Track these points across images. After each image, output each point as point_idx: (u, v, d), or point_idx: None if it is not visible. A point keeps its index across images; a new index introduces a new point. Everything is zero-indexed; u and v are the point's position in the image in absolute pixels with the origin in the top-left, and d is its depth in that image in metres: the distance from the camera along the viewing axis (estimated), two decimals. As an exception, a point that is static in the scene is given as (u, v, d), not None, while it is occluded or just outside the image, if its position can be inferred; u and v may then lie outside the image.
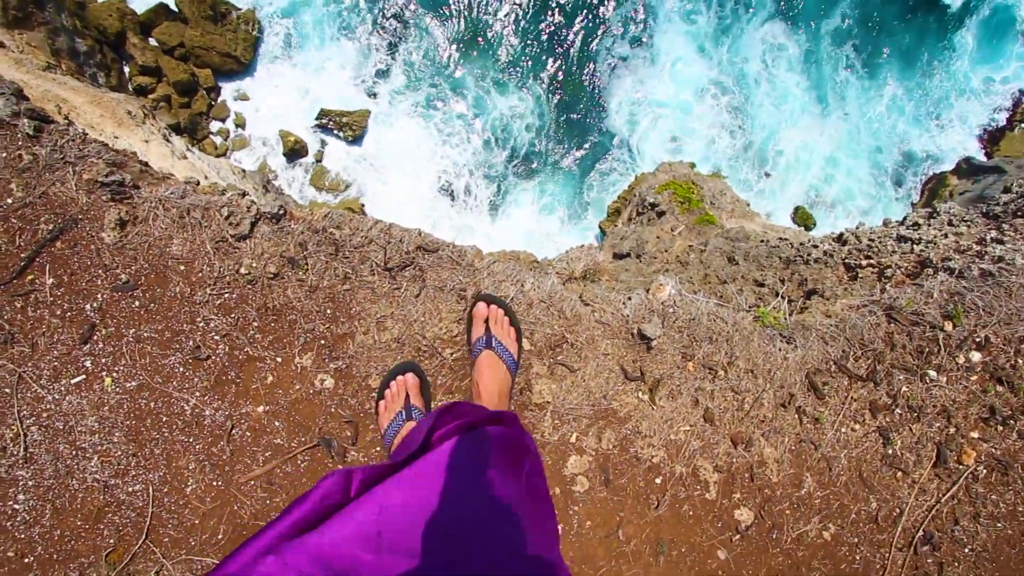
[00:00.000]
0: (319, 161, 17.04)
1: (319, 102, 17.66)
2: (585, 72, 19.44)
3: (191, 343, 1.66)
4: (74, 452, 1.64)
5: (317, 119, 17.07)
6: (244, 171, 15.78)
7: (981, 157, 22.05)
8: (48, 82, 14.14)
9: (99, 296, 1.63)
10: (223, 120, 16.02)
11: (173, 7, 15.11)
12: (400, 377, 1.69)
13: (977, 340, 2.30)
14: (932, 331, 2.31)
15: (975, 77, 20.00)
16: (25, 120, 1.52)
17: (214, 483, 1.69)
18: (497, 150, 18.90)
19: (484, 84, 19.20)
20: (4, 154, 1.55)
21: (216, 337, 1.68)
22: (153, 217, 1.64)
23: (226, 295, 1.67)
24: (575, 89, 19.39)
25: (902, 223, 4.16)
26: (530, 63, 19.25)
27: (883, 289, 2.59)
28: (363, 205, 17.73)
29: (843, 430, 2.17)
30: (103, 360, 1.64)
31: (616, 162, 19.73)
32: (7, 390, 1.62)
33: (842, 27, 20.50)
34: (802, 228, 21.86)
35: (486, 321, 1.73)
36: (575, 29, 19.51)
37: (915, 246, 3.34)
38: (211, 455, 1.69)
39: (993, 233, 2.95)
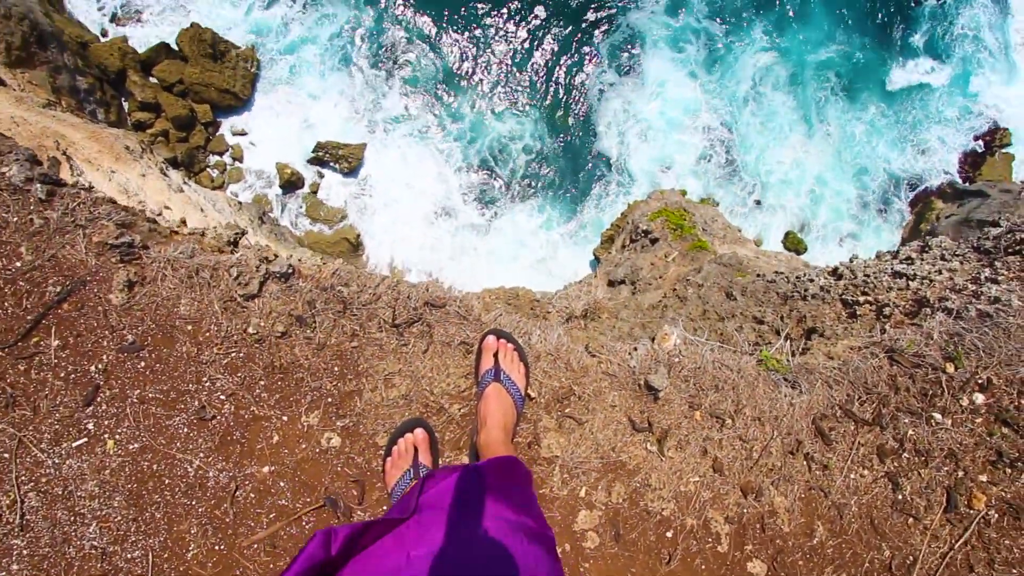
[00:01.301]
0: (315, 193, 17.18)
1: (316, 135, 17.93)
2: (577, 97, 19.94)
3: (196, 403, 1.64)
4: (72, 518, 1.60)
5: (314, 151, 17.29)
6: (240, 203, 15.88)
7: (960, 180, 22.68)
8: (47, 119, 14.30)
9: (104, 357, 1.62)
10: (221, 154, 16.19)
11: (174, 46, 15.44)
12: (408, 434, 1.67)
13: (979, 382, 2.32)
14: (934, 373, 2.32)
15: (950, 107, 20.73)
16: (38, 185, 1.53)
17: (216, 547, 1.64)
18: (495, 172, 19.19)
19: (480, 111, 19.61)
20: (16, 219, 1.56)
21: (222, 397, 1.66)
22: (162, 277, 1.64)
23: (233, 354, 1.66)
24: (568, 113, 19.84)
25: (895, 256, 4.23)
26: (525, 91, 19.73)
27: (883, 329, 2.61)
28: (359, 235, 17.83)
29: (852, 476, 2.15)
30: (106, 422, 1.62)
31: (610, 183, 20.09)
32: (6, 455, 1.58)
33: (825, 60, 21.23)
34: (793, 253, 22.14)
35: (495, 354, 1.73)
36: (567, 58, 20.09)
37: (910, 282, 3.39)
38: (214, 518, 1.65)
39: (987, 272, 3.00)
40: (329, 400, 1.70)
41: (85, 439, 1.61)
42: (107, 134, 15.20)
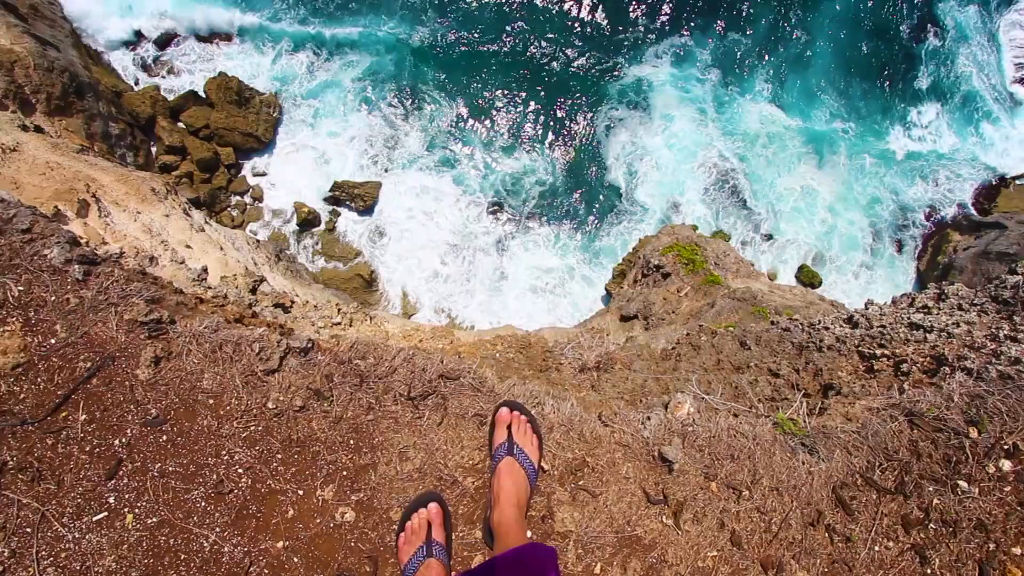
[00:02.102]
0: (331, 231, 17.57)
1: (333, 173, 18.49)
2: (586, 132, 20.42)
3: (215, 477, 1.67)
4: (90, 594, 1.61)
5: (330, 191, 17.77)
6: (258, 241, 16.28)
7: (975, 212, 22.55)
8: (80, 163, 14.97)
9: (128, 431, 1.66)
10: (241, 194, 16.73)
11: (201, 93, 16.21)
12: (422, 509, 1.67)
13: (1005, 448, 2.26)
14: (957, 438, 2.27)
15: (961, 148, 20.90)
16: (76, 266, 1.62)
17: (229, 625, 1.63)
18: (509, 205, 19.53)
19: (493, 148, 20.12)
20: (54, 298, 1.64)
21: (239, 470, 1.69)
22: (187, 352, 1.70)
23: (252, 428, 1.69)
24: (578, 148, 20.28)
25: (911, 304, 4.19)
26: (536, 129, 20.27)
27: (901, 389, 2.57)
28: (372, 271, 18.08)
29: (877, 548, 2.08)
30: (127, 496, 1.65)
31: (621, 212, 20.33)
32: (28, 529, 1.62)
33: (830, 100, 21.59)
34: (808, 288, 21.88)
35: (509, 427, 1.74)
36: (576, 98, 20.69)
37: (928, 334, 3.34)
38: (227, 594, 1.65)
39: (1006, 328, 2.96)
40: (344, 474, 1.71)
41: (105, 513, 1.64)
42: (135, 177, 15.86)
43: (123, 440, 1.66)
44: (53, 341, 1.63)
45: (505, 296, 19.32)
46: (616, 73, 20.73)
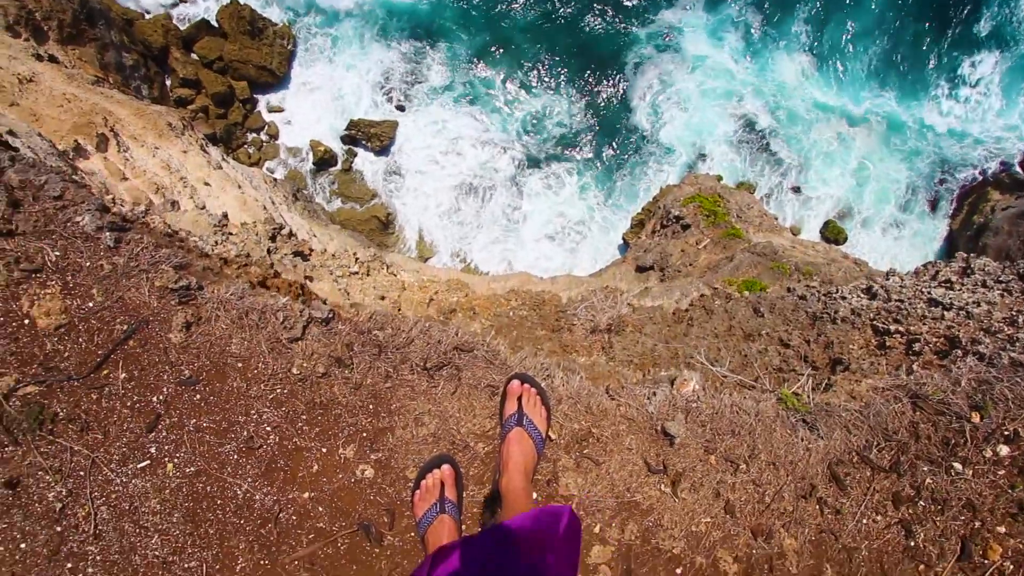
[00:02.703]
0: (347, 171, 17.42)
1: (350, 110, 18.09)
2: (612, 70, 19.49)
3: (245, 433, 1.80)
4: (138, 530, 1.80)
5: (347, 130, 17.45)
6: (276, 180, 16.25)
7: (1021, 170, 21.34)
8: (96, 95, 14.80)
9: (165, 390, 1.78)
10: (258, 131, 16.53)
11: (214, 23, 15.66)
12: (436, 470, 1.80)
13: (1006, 433, 2.30)
14: (959, 422, 2.31)
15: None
16: (107, 233, 1.68)
17: (262, 562, 1.82)
18: (529, 145, 19.09)
19: (515, 87, 19.38)
20: (88, 263, 1.71)
21: (268, 428, 1.81)
22: (215, 318, 1.79)
23: (278, 391, 1.80)
24: (604, 88, 19.45)
25: (934, 277, 4.11)
26: (561, 69, 19.37)
27: (910, 369, 2.58)
28: (389, 213, 18.04)
29: (865, 521, 2.19)
30: (166, 447, 1.80)
31: (645, 155, 19.78)
32: (81, 473, 1.78)
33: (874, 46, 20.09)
34: (832, 244, 21.36)
35: (519, 398, 1.83)
36: (603, 36, 19.56)
37: (946, 312, 3.31)
38: (259, 536, 1.82)
39: (1028, 308, 2.91)
40: (364, 435, 1.83)
41: (148, 462, 1.79)
42: (151, 111, 15.69)
43: (160, 397, 1.79)
44: (91, 304, 1.73)
45: (522, 239, 19.25)
46: (647, 16, 19.41)
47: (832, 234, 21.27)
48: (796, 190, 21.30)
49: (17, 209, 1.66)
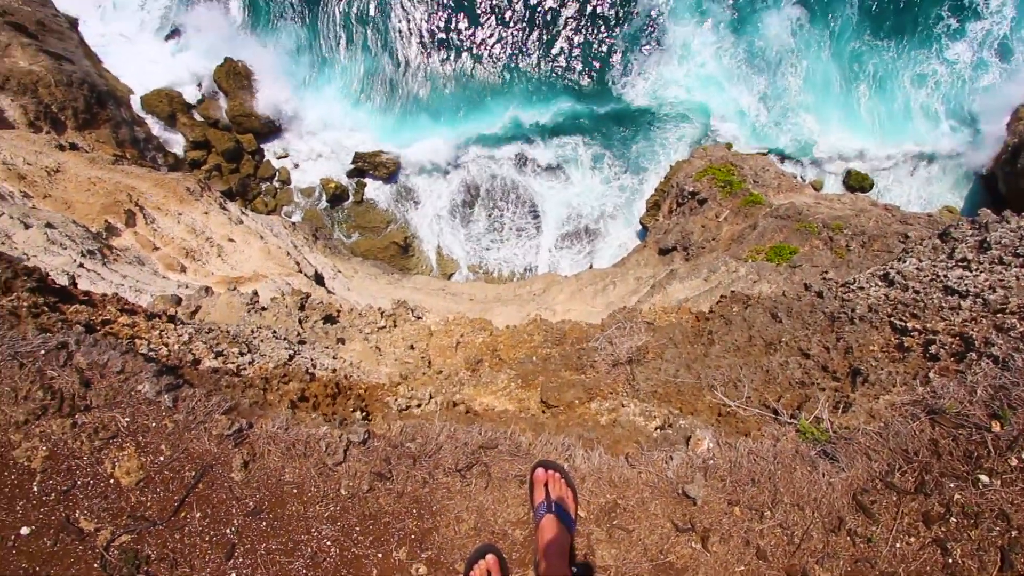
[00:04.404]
0: (360, 203, 17.86)
1: (353, 146, 18.50)
2: (612, 61, 19.33)
3: (309, 550, 2.03)
4: (233, 644, 2.05)
5: (353, 163, 17.88)
6: (294, 224, 16.80)
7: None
8: (118, 174, 15.56)
9: (235, 522, 2.02)
10: (270, 179, 17.12)
11: (212, 83, 16.23)
12: (481, 560, 1.99)
13: (1028, 439, 2.33)
14: (979, 433, 2.36)
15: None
16: (166, 395, 1.92)
17: (342, 658, 2.05)
18: (533, 145, 19.15)
19: (506, 92, 19.43)
20: (154, 424, 1.96)
21: (328, 543, 2.03)
22: (267, 452, 2.01)
23: (332, 509, 2.02)
24: (602, 83, 19.30)
25: (951, 256, 4.07)
26: (559, 71, 19.30)
27: (926, 378, 2.62)
28: (407, 237, 18.40)
29: (898, 545, 2.27)
30: (244, 571, 2.04)
31: (651, 138, 19.58)
32: (177, 602, 2.04)
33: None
34: (858, 192, 20.62)
35: (545, 485, 2.00)
36: (598, 35, 19.41)
37: (962, 302, 3.30)
38: (336, 636, 2.05)
39: (1044, 293, 2.89)
40: (412, 537, 2.03)
41: (231, 585, 2.03)
42: (169, 179, 16.37)
43: (232, 529, 2.03)
44: (162, 459, 1.98)
45: (540, 240, 19.34)
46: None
47: (856, 182, 20.55)
48: (810, 160, 20.69)
49: (89, 387, 1.92)
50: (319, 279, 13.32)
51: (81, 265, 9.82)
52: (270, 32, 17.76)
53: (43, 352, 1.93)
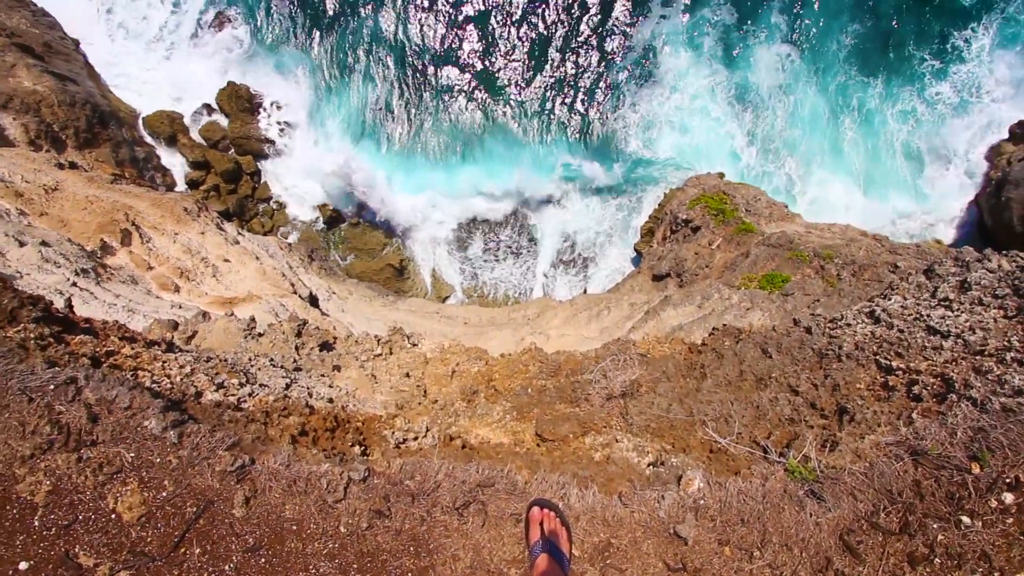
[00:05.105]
0: (355, 225, 18.00)
1: (353, 165, 18.74)
2: (603, 107, 19.85)
3: (307, 587, 2.05)
4: None
5: (350, 186, 18.05)
6: (290, 245, 16.87)
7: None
8: (116, 193, 15.62)
9: (234, 558, 2.05)
10: (267, 200, 17.26)
11: (214, 105, 16.50)
12: (476, 599, 2.02)
13: (1007, 481, 2.42)
14: (960, 475, 2.44)
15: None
16: (171, 432, 1.97)
17: None
18: (525, 176, 19.46)
19: (499, 127, 19.85)
20: (159, 460, 2.00)
21: (325, 579, 2.06)
22: (269, 488, 2.05)
23: (330, 546, 2.05)
24: (593, 123, 19.78)
25: (934, 295, 4.21)
26: (548, 100, 19.78)
27: (909, 419, 2.72)
28: (402, 260, 18.50)
29: (882, 585, 2.32)
30: (242, 607, 2.05)
31: (643, 175, 19.97)
32: (173, 638, 2.05)
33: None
34: (848, 224, 21.06)
35: (540, 524, 2.05)
36: (584, 73, 19.98)
37: (944, 341, 3.42)
38: (331, 675, 2.05)
39: (1018, 334, 3.02)
40: (410, 575, 2.06)
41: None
42: (167, 199, 16.43)
43: (231, 565, 2.05)
44: (164, 494, 2.01)
45: (535, 263, 19.52)
46: (624, 40, 19.85)
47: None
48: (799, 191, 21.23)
49: (96, 422, 1.97)
50: (313, 300, 13.33)
51: (74, 284, 9.80)
52: (275, 56, 18.16)
53: (52, 387, 1.97)
